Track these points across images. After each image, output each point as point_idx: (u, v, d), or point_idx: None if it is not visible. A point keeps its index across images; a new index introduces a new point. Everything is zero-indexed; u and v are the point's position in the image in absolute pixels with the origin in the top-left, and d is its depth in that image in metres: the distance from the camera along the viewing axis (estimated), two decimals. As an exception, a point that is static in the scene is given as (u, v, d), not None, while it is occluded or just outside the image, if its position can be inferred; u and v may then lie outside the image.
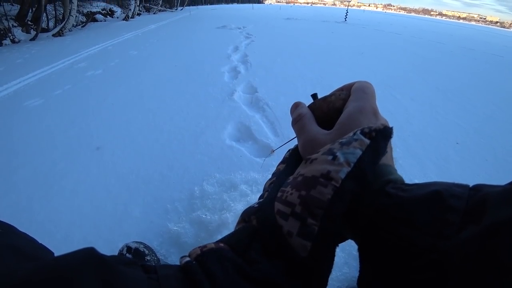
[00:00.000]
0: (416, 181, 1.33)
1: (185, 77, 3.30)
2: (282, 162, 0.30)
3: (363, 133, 0.21)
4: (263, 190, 0.28)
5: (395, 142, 1.98)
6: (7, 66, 4.19)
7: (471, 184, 0.18)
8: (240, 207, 1.23)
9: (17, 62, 4.50)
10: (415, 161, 1.81)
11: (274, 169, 1.32)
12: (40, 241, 0.53)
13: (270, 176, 1.31)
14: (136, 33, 7.52)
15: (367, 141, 0.21)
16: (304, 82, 3.11)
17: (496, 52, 7.79)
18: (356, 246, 0.24)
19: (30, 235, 0.51)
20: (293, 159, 0.30)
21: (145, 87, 2.97)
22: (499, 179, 1.69)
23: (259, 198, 0.26)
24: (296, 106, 0.34)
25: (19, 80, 3.40)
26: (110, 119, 2.25)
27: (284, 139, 1.89)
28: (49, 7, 8.33)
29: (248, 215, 0.22)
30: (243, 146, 1.83)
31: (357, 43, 6.54)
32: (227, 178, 1.46)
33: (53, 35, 7.34)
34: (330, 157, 0.19)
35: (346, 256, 1.12)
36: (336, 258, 0.72)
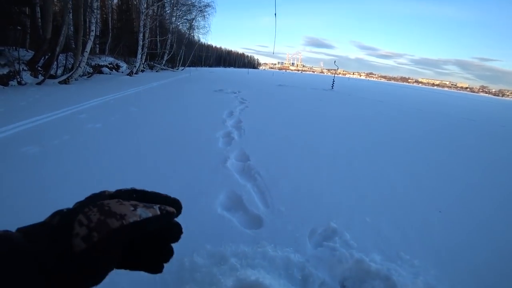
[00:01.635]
0: (402, 253, 1.41)
1: (181, 140, 3.46)
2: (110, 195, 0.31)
3: (159, 208, 0.29)
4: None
5: (382, 212, 2.11)
6: (9, 108, 4.32)
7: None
8: (229, 283, 1.25)
9: (20, 104, 4.65)
10: (399, 231, 1.90)
11: (263, 242, 1.40)
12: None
13: (260, 249, 1.38)
14: (138, 90, 7.96)
15: (158, 213, 0.29)
16: (294, 150, 3.31)
17: (469, 116, 8.56)
18: None
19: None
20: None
21: (143, 147, 3.08)
22: (481, 247, 1.78)
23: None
24: None
25: (19, 123, 3.50)
26: (105, 177, 2.30)
27: (274, 210, 1.97)
28: (61, 57, 8.87)
29: (55, 214, 0.27)
30: (234, 216, 1.89)
31: (343, 110, 7.10)
32: (218, 250, 1.49)
33: (59, 82, 7.71)
34: (131, 208, 0.28)
35: None
36: None
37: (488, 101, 27.13)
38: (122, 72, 13.61)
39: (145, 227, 0.27)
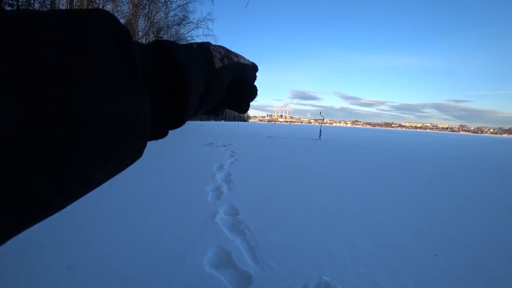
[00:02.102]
0: None
1: (171, 194, 3.44)
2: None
3: (252, 62, 0.38)
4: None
5: (375, 261, 2.05)
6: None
7: None
8: None
9: None
10: (395, 281, 1.83)
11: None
12: None
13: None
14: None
15: (252, 63, 0.37)
16: (284, 202, 3.31)
17: (454, 155, 8.78)
18: None
19: None
20: None
21: (129, 202, 3.04)
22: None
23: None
24: None
25: None
26: (86, 235, 2.22)
27: (263, 265, 1.91)
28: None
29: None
30: (223, 274, 1.82)
31: (331, 159, 7.26)
32: (204, 315, 1.41)
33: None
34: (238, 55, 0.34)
35: None
36: None
37: (468, 139, 28.31)
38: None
39: (245, 70, 0.34)
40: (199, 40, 4.04)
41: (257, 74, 0.38)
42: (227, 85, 0.32)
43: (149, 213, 2.78)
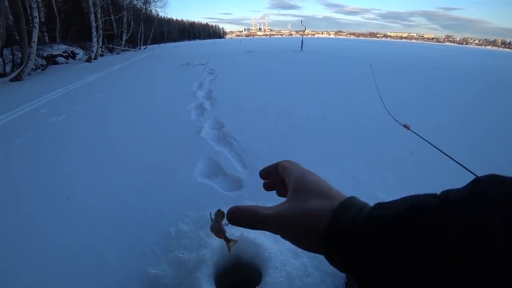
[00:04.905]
0: (379, 193, 1.50)
1: (152, 117, 3.36)
2: None
3: None
4: None
5: (357, 159, 2.20)
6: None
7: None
8: (216, 243, 1.29)
9: (-31, 111, 4.28)
10: (376, 174, 2.01)
11: (246, 201, 1.43)
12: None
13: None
14: (100, 75, 7.49)
15: None
16: (267, 113, 3.31)
17: (435, 65, 8.84)
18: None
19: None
20: None
21: (113, 131, 2.98)
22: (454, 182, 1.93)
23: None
24: (234, 212, 0.30)
25: (-27, 131, 3.25)
26: (79, 166, 2.23)
27: (252, 170, 2.01)
28: (6, 52, 8.07)
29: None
30: (214, 182, 1.92)
31: (313, 69, 7.09)
32: (202, 215, 1.53)
33: (11, 80, 7.09)
34: None
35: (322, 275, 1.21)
36: (311, 278, 0.83)
37: (453, 50, 27.78)
38: (79, 60, 12.65)
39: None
40: None
41: None
42: None
43: (133, 139, 2.74)
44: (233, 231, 1.35)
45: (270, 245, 1.29)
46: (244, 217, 0.29)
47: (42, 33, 11.57)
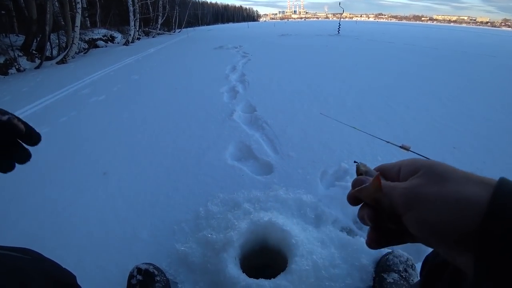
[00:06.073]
0: None
1: (185, 99, 3.41)
2: None
3: (8, 118, 0.40)
4: None
5: (394, 152, 2.05)
6: (14, 95, 4.34)
7: None
8: (243, 225, 1.28)
9: (23, 90, 4.65)
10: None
11: (275, 186, 1.39)
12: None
13: (272, 192, 1.38)
14: (136, 58, 7.75)
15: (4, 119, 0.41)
16: (301, 98, 3.21)
17: (489, 53, 7.94)
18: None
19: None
20: None
21: (148, 111, 3.08)
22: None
23: None
24: (360, 181, 0.30)
25: (26, 108, 3.53)
26: (115, 144, 2.33)
27: (283, 156, 1.96)
28: (53, 36, 8.63)
29: None
30: (245, 165, 1.90)
31: (351, 54, 6.72)
32: (231, 198, 1.52)
33: (57, 63, 7.59)
34: None
35: (349, 267, 1.16)
36: (337, 270, 0.77)
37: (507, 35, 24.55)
38: (117, 43, 13.19)
39: None
40: None
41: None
42: None
43: (166, 119, 2.81)
44: (261, 215, 1.33)
45: (298, 233, 1.24)
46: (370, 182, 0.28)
47: (84, 18, 12.19)
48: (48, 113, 3.31)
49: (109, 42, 12.84)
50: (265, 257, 1.29)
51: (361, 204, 0.30)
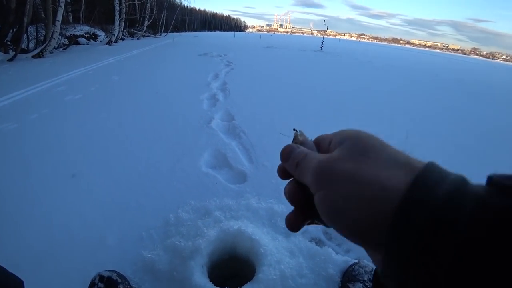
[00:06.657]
0: None
1: (165, 104, 3.39)
2: None
3: None
4: None
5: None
6: (-20, 89, 4.11)
7: None
8: (213, 233, 1.28)
9: (-8, 84, 4.42)
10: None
11: (247, 195, 1.41)
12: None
13: (244, 201, 1.39)
14: (118, 58, 7.60)
15: None
16: (279, 109, 3.28)
17: (457, 77, 8.51)
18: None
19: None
20: None
21: (125, 114, 3.02)
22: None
23: None
24: (290, 151, 0.26)
25: (-7, 103, 3.35)
26: (88, 146, 2.26)
27: (258, 165, 1.99)
28: (31, 28, 8.28)
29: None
30: (219, 173, 1.91)
31: (331, 72, 6.96)
32: (202, 205, 1.52)
33: (33, 57, 7.28)
34: None
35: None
36: (304, 280, 0.79)
37: (477, 63, 26.48)
38: (100, 42, 12.85)
39: None
40: None
41: None
42: None
43: (143, 123, 2.77)
44: (231, 223, 1.34)
45: (267, 242, 1.26)
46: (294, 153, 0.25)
47: (67, 13, 11.83)
48: (18, 109, 3.15)
49: (91, 40, 12.50)
50: (234, 266, 1.30)
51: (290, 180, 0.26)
